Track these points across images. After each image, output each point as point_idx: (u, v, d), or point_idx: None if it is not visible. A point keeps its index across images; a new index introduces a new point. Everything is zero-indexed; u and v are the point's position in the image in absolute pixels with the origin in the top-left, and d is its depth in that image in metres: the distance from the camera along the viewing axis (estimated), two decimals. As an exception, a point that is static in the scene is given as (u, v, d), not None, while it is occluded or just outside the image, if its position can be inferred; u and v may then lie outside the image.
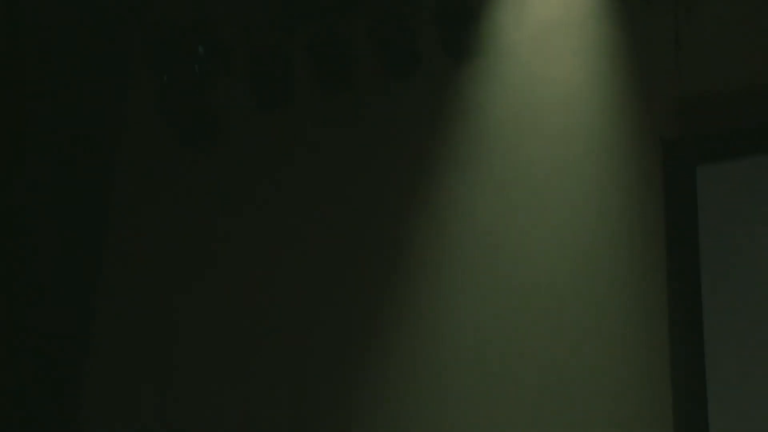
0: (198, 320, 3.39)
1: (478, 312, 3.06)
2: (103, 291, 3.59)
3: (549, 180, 3.13)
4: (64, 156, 3.59)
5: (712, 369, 2.80)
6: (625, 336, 2.89)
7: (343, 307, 3.23)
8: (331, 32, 3.36)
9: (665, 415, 2.75)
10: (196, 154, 3.60)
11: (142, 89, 3.76)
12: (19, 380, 3.34)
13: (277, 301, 3.31)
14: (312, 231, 3.36)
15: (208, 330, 3.36)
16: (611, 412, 2.81)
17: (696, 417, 2.75)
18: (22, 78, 3.50)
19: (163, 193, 3.63)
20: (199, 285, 3.44)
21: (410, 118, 3.37)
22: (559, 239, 3.06)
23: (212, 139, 3.56)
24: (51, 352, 3.41)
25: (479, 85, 3.31)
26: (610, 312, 2.93)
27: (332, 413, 3.10)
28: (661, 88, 3.11)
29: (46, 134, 3.55)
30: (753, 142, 3.01)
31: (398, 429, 3.02)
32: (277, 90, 3.48)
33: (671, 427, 2.73)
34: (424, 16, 3.36)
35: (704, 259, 2.92)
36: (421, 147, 3.32)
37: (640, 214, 3.01)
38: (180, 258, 3.51)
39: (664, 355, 2.83)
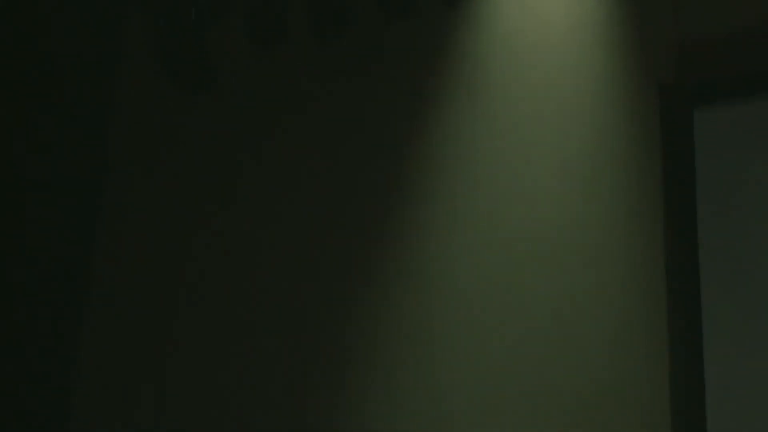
0: (199, 272, 3.38)
1: (470, 255, 3.07)
2: (99, 250, 3.56)
3: (544, 123, 3.12)
4: (56, 102, 3.55)
5: (709, 321, 2.82)
6: (620, 280, 2.90)
7: (336, 252, 3.22)
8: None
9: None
10: (193, 98, 3.56)
11: (138, 33, 3.71)
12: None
13: (275, 249, 3.30)
14: (310, 174, 3.34)
15: (208, 283, 3.34)
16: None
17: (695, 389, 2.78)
18: (13, 19, 3.46)
19: (160, 138, 3.60)
20: (198, 238, 3.43)
21: (406, 60, 3.34)
22: (556, 182, 3.05)
23: (210, 82, 3.52)
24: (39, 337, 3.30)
25: (475, 26, 3.29)
26: (606, 253, 2.94)
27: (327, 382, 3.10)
28: (658, 31, 3.09)
29: (38, 78, 3.51)
30: (751, 85, 3.01)
31: (388, 373, 3.03)
32: (274, 32, 3.45)
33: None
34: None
35: (701, 201, 2.93)
36: (417, 89, 3.29)
37: (637, 158, 3.01)
38: (179, 204, 3.49)
39: (661, 291, 2.85)
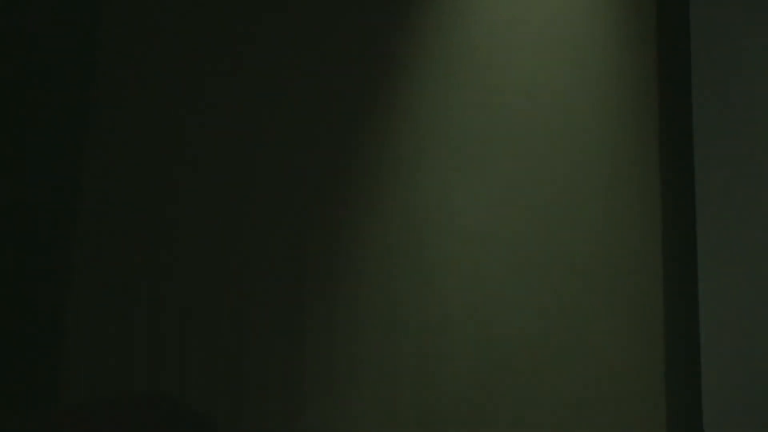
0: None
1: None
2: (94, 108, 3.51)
3: (534, 7, 3.09)
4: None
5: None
6: (610, 163, 2.89)
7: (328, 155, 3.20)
8: None
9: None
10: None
11: None
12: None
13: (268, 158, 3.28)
14: (301, 64, 3.30)
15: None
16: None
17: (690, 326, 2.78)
18: None
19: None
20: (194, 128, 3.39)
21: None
22: (549, 66, 3.02)
23: None
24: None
25: None
26: (596, 136, 2.93)
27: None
28: None
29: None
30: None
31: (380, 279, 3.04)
32: None
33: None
34: None
35: (696, 83, 2.91)
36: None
37: (633, 41, 2.98)
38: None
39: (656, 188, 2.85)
